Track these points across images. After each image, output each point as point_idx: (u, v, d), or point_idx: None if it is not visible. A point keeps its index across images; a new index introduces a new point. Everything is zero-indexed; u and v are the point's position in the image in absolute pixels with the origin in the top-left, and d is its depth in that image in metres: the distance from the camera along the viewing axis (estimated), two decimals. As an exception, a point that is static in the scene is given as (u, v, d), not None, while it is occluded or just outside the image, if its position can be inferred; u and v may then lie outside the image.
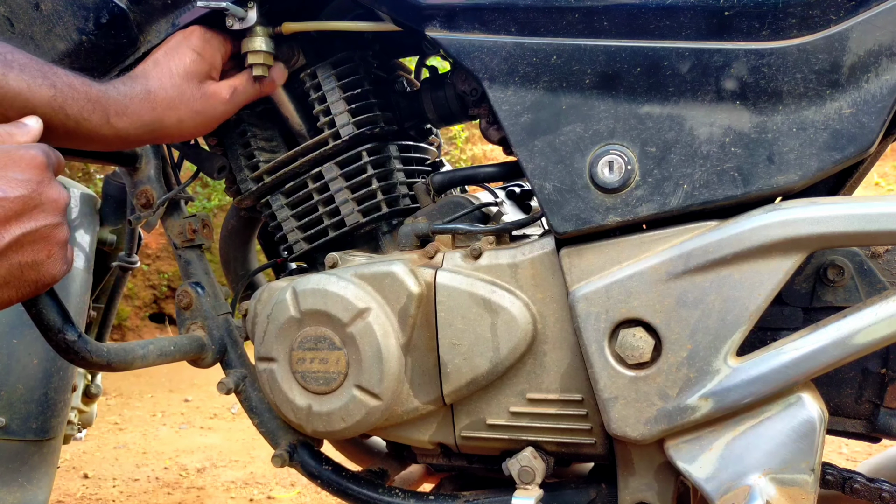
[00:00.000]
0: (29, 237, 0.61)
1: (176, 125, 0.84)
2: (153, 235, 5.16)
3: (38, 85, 0.69)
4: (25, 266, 0.62)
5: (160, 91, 0.81)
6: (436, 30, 0.79)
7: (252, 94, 0.91)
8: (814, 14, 0.67)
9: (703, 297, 0.71)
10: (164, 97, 0.82)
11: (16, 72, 0.68)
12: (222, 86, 0.87)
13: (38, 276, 0.63)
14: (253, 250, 1.21)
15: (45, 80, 0.70)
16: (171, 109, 0.82)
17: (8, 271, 0.60)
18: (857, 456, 2.45)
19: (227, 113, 0.89)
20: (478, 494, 0.89)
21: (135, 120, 0.79)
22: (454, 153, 5.59)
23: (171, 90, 0.82)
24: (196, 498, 2.40)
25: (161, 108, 0.81)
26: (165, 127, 0.83)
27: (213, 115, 0.87)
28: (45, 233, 0.63)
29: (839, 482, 0.79)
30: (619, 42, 0.72)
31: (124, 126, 0.78)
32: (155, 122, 0.82)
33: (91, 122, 0.75)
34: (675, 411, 0.72)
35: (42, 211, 0.62)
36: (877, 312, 0.66)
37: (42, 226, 0.62)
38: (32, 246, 0.62)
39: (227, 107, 0.88)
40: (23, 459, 1.20)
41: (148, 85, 0.81)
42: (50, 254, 0.63)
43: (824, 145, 0.68)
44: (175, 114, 0.83)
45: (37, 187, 0.62)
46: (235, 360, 1.02)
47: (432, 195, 0.94)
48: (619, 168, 0.73)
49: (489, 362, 0.81)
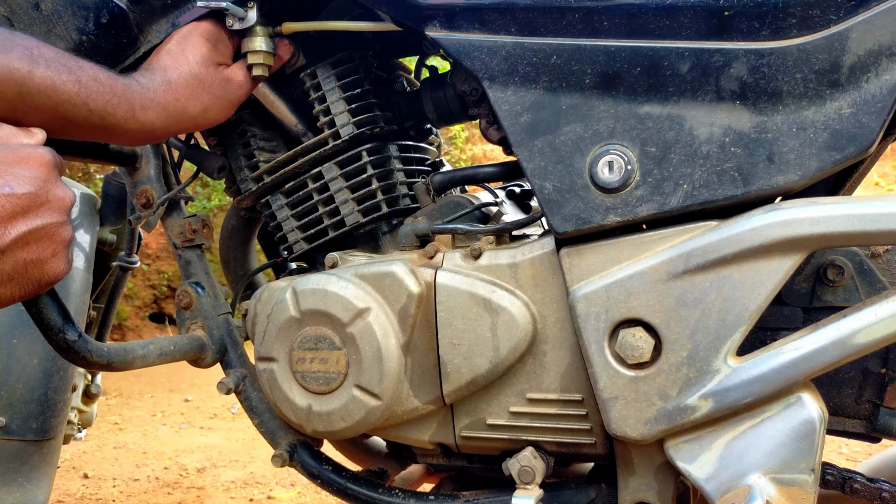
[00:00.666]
0: (35, 234, 0.61)
1: (201, 113, 0.84)
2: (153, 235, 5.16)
3: (63, 81, 0.69)
4: (30, 263, 0.62)
5: (181, 80, 0.82)
6: (436, 30, 0.79)
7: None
8: (814, 14, 0.67)
9: (703, 297, 0.71)
10: (185, 86, 0.82)
11: (42, 68, 0.68)
12: (236, 69, 0.88)
13: (42, 273, 0.63)
14: (253, 250, 1.21)
15: (71, 75, 0.70)
16: (194, 98, 0.82)
17: (13, 267, 0.61)
18: (857, 456, 2.45)
19: (247, 94, 0.90)
20: (478, 494, 0.89)
21: (160, 112, 0.79)
22: (454, 153, 5.59)
23: (191, 79, 0.82)
24: (196, 498, 2.40)
25: (185, 97, 0.82)
26: (191, 115, 0.83)
27: (233, 98, 0.87)
28: (51, 230, 0.63)
29: (839, 482, 0.79)
30: (619, 42, 0.72)
31: (150, 119, 0.78)
32: (180, 112, 0.82)
33: (116, 116, 0.75)
34: (675, 411, 0.72)
35: (48, 209, 0.63)
36: (877, 312, 0.66)
37: (48, 223, 0.63)
38: (38, 243, 0.62)
39: (245, 89, 0.89)
40: (23, 459, 1.20)
41: (168, 76, 0.81)
42: (54, 252, 0.64)
43: (824, 145, 0.68)
44: (198, 101, 0.83)
45: (44, 185, 0.62)
46: (235, 360, 1.02)
47: (432, 195, 0.94)
48: (619, 168, 0.73)
49: (489, 362, 0.81)
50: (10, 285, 0.61)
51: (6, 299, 0.62)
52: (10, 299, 0.62)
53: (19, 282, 0.62)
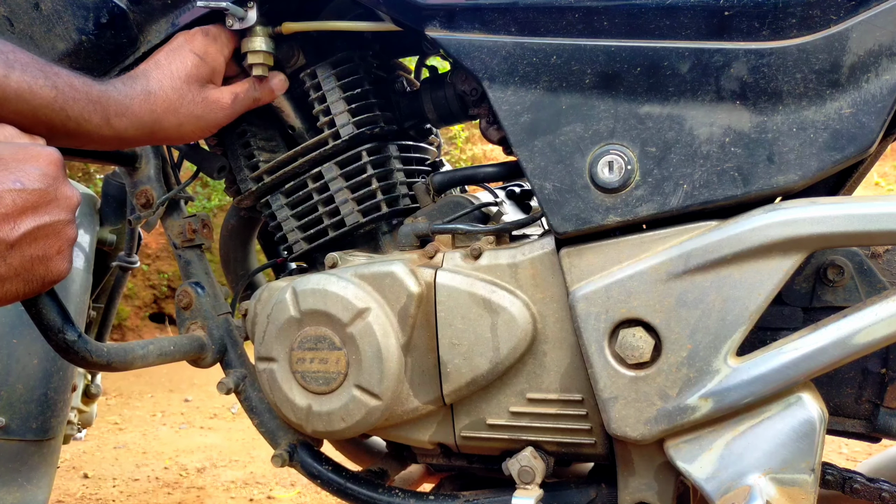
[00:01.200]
0: (42, 231, 0.62)
1: (175, 128, 0.84)
2: (153, 235, 5.16)
3: (39, 86, 0.69)
4: (36, 259, 0.63)
5: (160, 93, 0.81)
6: (436, 29, 0.79)
7: (253, 101, 0.91)
8: (814, 14, 0.67)
9: (703, 297, 0.71)
10: (164, 99, 0.81)
11: (18, 72, 0.68)
12: (224, 92, 0.87)
13: (46, 271, 0.64)
14: (253, 250, 1.21)
15: (47, 80, 0.70)
16: (171, 112, 0.82)
17: (20, 262, 0.61)
18: (857, 456, 2.45)
19: (228, 119, 0.89)
20: (478, 494, 0.89)
21: (134, 121, 0.79)
22: (454, 153, 5.59)
23: (171, 93, 0.82)
24: (196, 498, 2.40)
25: (161, 111, 0.81)
26: (164, 129, 0.83)
27: (213, 120, 0.87)
28: (58, 228, 0.64)
29: (839, 482, 0.79)
30: (619, 42, 0.72)
31: (124, 126, 0.78)
32: (154, 124, 0.81)
33: (91, 122, 0.75)
34: (675, 411, 0.72)
35: (57, 206, 0.64)
36: (877, 312, 0.66)
37: (56, 220, 0.63)
38: (45, 240, 0.63)
39: (227, 113, 0.88)
40: (23, 459, 1.20)
41: (148, 86, 0.81)
42: (59, 249, 0.65)
43: (824, 145, 0.68)
44: (174, 117, 0.83)
45: (53, 182, 0.63)
46: (235, 360, 1.02)
47: (432, 195, 0.94)
48: (619, 168, 0.73)
49: (489, 362, 0.81)
50: (15, 281, 0.62)
51: (10, 296, 0.62)
52: (14, 296, 0.63)
53: (25, 278, 0.62)
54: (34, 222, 0.61)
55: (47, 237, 0.63)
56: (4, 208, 0.59)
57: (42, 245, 0.63)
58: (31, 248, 0.62)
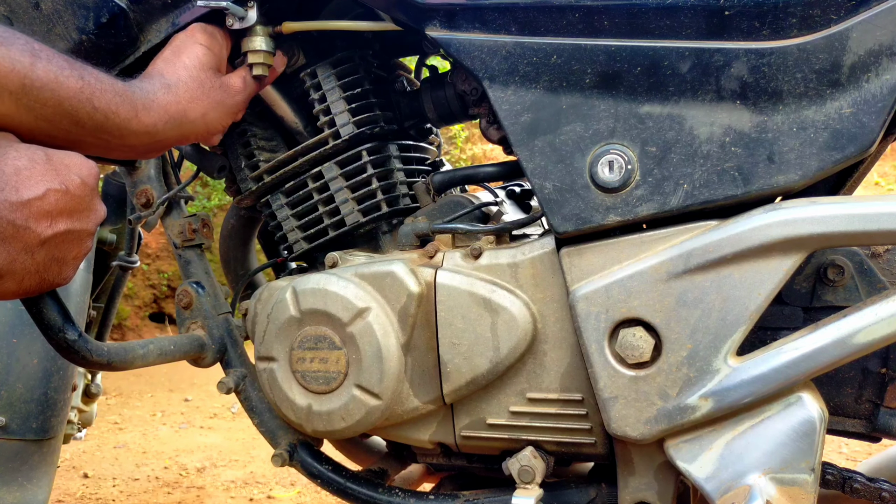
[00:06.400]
0: (70, 235, 0.65)
1: (201, 118, 0.83)
2: (153, 235, 5.16)
3: (66, 76, 0.68)
4: (55, 261, 0.65)
5: (180, 84, 0.81)
6: (436, 29, 0.79)
7: (256, 86, 0.91)
8: (814, 14, 0.67)
9: (703, 297, 0.71)
10: (185, 89, 0.81)
11: (43, 62, 0.67)
12: (233, 76, 0.88)
13: (58, 273, 0.66)
14: (253, 250, 1.21)
15: (73, 70, 0.69)
16: (195, 101, 0.82)
17: (43, 260, 0.63)
18: (857, 456, 2.45)
19: (245, 102, 0.90)
20: (478, 494, 0.89)
21: (162, 114, 0.78)
22: (454, 153, 5.59)
23: (190, 82, 0.82)
24: (196, 498, 2.40)
25: (185, 101, 0.81)
26: (192, 121, 0.82)
27: (233, 105, 0.87)
28: (82, 237, 0.67)
29: (839, 482, 0.79)
30: (619, 42, 0.72)
31: (152, 121, 0.77)
32: (181, 116, 0.81)
33: (119, 115, 0.74)
34: (675, 411, 0.72)
35: (87, 216, 0.67)
36: (877, 312, 0.66)
37: (82, 229, 0.66)
38: (68, 245, 0.65)
39: (243, 96, 0.88)
40: (23, 459, 1.20)
41: (166, 80, 0.81)
42: (75, 256, 0.67)
43: (824, 145, 0.68)
44: (199, 105, 0.83)
45: (90, 193, 0.67)
46: (235, 360, 1.02)
47: (432, 195, 0.94)
48: (619, 168, 0.73)
49: (489, 362, 0.81)
50: (34, 277, 0.64)
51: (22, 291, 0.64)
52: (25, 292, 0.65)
53: (41, 276, 0.64)
54: (66, 226, 0.64)
55: (71, 242, 0.65)
56: (48, 206, 0.62)
57: (64, 249, 0.65)
58: (56, 250, 0.64)
